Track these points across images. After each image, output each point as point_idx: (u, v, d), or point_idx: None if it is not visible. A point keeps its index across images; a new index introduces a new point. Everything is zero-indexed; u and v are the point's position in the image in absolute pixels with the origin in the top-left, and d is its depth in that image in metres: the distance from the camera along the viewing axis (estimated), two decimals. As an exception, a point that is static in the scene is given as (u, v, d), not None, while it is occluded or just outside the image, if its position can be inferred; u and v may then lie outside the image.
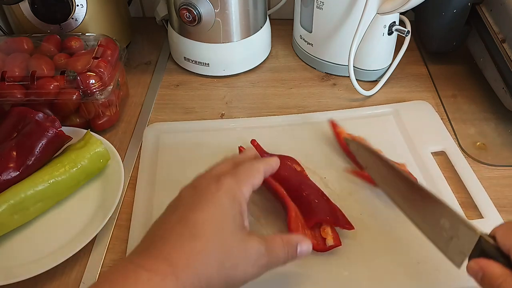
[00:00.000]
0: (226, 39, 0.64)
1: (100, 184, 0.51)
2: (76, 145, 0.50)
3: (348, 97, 0.64)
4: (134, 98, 0.64)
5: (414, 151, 0.54)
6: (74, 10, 0.62)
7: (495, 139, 0.56)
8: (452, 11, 0.61)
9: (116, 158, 0.52)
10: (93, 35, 0.60)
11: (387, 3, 0.57)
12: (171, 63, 0.71)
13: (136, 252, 0.34)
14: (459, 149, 0.54)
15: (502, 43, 0.57)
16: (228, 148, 0.54)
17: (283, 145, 0.54)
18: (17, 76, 0.53)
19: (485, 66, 0.61)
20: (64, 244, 0.44)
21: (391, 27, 0.61)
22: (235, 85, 0.67)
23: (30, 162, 0.47)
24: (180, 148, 0.55)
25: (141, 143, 0.56)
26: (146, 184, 0.51)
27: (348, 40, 0.60)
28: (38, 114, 0.51)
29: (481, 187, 0.49)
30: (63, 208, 0.48)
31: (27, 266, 0.42)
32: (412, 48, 0.73)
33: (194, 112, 0.62)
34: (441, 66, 0.69)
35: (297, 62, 0.71)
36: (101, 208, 0.48)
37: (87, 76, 0.53)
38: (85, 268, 0.44)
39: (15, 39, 0.59)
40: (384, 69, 0.65)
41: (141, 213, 0.48)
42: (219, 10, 0.60)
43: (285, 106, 0.62)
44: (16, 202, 0.44)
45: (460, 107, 0.61)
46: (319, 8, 0.62)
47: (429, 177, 0.50)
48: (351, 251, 0.44)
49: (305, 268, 0.42)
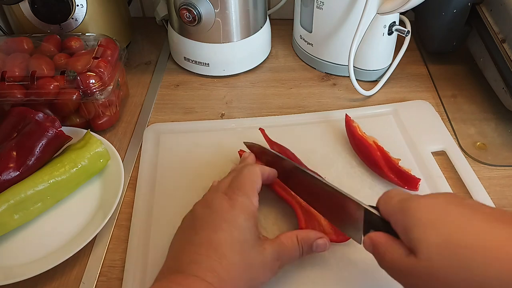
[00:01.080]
0: (226, 39, 0.64)
1: (100, 184, 0.51)
2: (76, 145, 0.50)
3: (348, 97, 0.64)
4: (134, 98, 0.64)
5: (414, 151, 0.54)
6: (74, 10, 0.62)
7: (495, 139, 0.56)
8: (452, 11, 0.61)
9: (116, 158, 0.52)
10: (93, 35, 0.60)
11: (387, 3, 0.57)
12: (171, 63, 0.71)
13: (170, 272, 0.36)
14: (459, 149, 0.54)
15: (502, 43, 0.57)
16: (228, 148, 0.54)
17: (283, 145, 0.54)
18: (17, 76, 0.53)
19: (485, 66, 0.61)
20: (64, 244, 0.44)
21: (391, 27, 0.61)
22: (235, 85, 0.67)
23: (30, 162, 0.47)
24: (180, 148, 0.55)
25: (141, 143, 0.56)
26: (146, 184, 0.51)
27: (348, 40, 0.60)
28: (38, 114, 0.51)
29: (481, 187, 0.49)
30: (63, 208, 0.48)
31: (27, 266, 0.42)
32: (412, 48, 0.73)
33: (194, 112, 0.62)
34: (441, 66, 0.69)
35: (297, 62, 0.71)
36: (101, 208, 0.48)
37: (87, 76, 0.53)
38: (85, 268, 0.44)
39: (15, 39, 0.59)
40: (384, 69, 0.65)
41: (141, 213, 0.48)
42: (219, 10, 0.60)
43: (285, 106, 0.62)
44: (16, 202, 0.44)
45: (460, 107, 0.61)
46: (319, 8, 0.62)
47: (429, 177, 0.50)
48: (350, 251, 0.44)
49: (305, 268, 0.42)
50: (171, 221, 0.46)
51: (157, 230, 0.46)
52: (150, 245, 0.45)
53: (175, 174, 0.52)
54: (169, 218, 0.47)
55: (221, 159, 0.50)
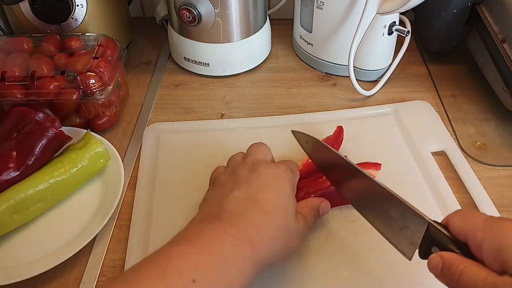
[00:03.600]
0: (226, 39, 0.64)
1: (100, 184, 0.51)
2: (76, 145, 0.50)
3: (348, 97, 0.64)
4: (134, 98, 0.64)
5: (414, 151, 0.54)
6: (74, 10, 0.62)
7: (495, 139, 0.56)
8: (452, 11, 0.61)
9: (116, 158, 0.52)
10: (93, 35, 0.60)
11: (387, 3, 0.57)
12: (171, 63, 0.71)
13: (211, 217, 0.37)
14: (459, 149, 0.54)
15: (502, 43, 0.57)
16: (228, 148, 0.54)
17: (283, 145, 0.54)
18: (17, 76, 0.53)
19: (485, 66, 0.61)
20: (64, 244, 0.44)
21: (391, 27, 0.61)
22: (235, 85, 0.67)
23: (30, 162, 0.47)
24: (180, 148, 0.55)
25: (141, 143, 0.56)
26: (146, 184, 0.51)
27: (348, 40, 0.60)
28: (38, 114, 0.51)
29: (481, 187, 0.49)
30: (63, 208, 0.48)
31: (27, 266, 0.42)
32: (412, 48, 0.73)
33: (194, 112, 0.62)
34: (441, 66, 0.69)
35: (297, 62, 0.71)
36: (101, 208, 0.48)
37: (87, 76, 0.53)
38: (85, 268, 0.44)
39: (15, 39, 0.59)
40: (384, 69, 0.65)
41: (141, 213, 0.48)
42: (219, 10, 0.60)
43: (285, 106, 0.62)
44: (16, 202, 0.44)
45: (460, 107, 0.61)
46: (319, 8, 0.62)
47: (429, 177, 0.50)
48: (351, 251, 0.44)
49: (305, 268, 0.42)
50: (171, 221, 0.46)
51: (157, 230, 0.46)
52: (150, 245, 0.45)
53: (175, 174, 0.52)
54: (169, 218, 0.47)
55: (221, 159, 0.50)
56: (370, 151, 0.53)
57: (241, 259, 0.33)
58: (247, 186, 0.39)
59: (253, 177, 0.40)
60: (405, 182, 0.50)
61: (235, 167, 0.42)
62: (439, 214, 0.47)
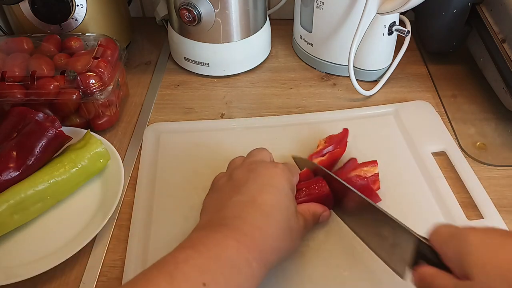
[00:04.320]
0: (226, 39, 0.64)
1: (100, 184, 0.51)
2: (76, 145, 0.50)
3: (348, 97, 0.64)
4: (134, 98, 0.64)
5: (414, 151, 0.54)
6: (74, 10, 0.62)
7: (495, 139, 0.56)
8: (452, 11, 0.61)
9: (116, 158, 0.52)
10: (93, 35, 0.60)
11: (387, 3, 0.57)
12: (171, 63, 0.71)
13: (213, 224, 0.37)
14: (459, 149, 0.54)
15: (502, 43, 0.57)
16: (228, 148, 0.54)
17: (283, 145, 0.54)
18: (17, 76, 0.53)
19: (485, 66, 0.61)
20: (64, 244, 0.44)
21: (391, 27, 0.61)
22: (235, 85, 0.67)
23: (30, 162, 0.47)
24: (180, 148, 0.55)
25: (141, 143, 0.56)
26: (146, 184, 0.51)
27: (348, 40, 0.60)
28: (38, 114, 0.51)
29: (481, 187, 0.49)
30: (63, 208, 0.48)
31: (27, 266, 0.42)
32: (412, 48, 0.73)
33: (194, 112, 0.62)
34: (441, 66, 0.69)
35: (297, 62, 0.71)
36: (101, 208, 0.48)
37: (87, 76, 0.53)
38: (85, 268, 0.44)
39: (15, 39, 0.59)
40: (384, 69, 0.65)
41: (141, 213, 0.48)
42: (219, 10, 0.60)
43: (285, 106, 0.62)
44: (16, 202, 0.44)
45: (460, 107, 0.61)
46: (319, 8, 0.62)
47: (429, 177, 0.50)
48: (350, 251, 0.44)
49: (305, 268, 0.42)
50: (171, 221, 0.46)
51: (157, 230, 0.46)
52: (150, 245, 0.45)
53: (175, 174, 0.52)
54: (169, 218, 0.47)
55: (221, 159, 0.50)
56: (370, 151, 0.53)
57: (247, 262, 0.34)
58: (246, 188, 0.39)
59: (251, 178, 0.40)
60: (405, 182, 0.50)
61: (233, 170, 0.43)
62: (439, 214, 0.47)
